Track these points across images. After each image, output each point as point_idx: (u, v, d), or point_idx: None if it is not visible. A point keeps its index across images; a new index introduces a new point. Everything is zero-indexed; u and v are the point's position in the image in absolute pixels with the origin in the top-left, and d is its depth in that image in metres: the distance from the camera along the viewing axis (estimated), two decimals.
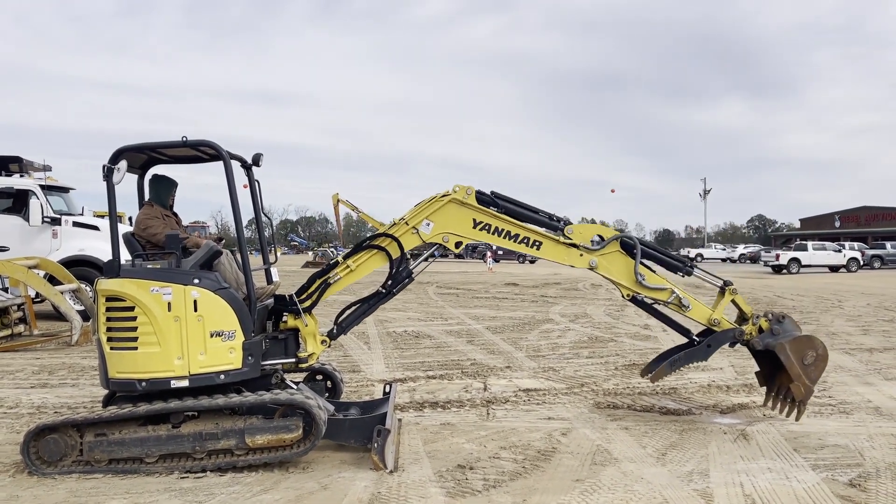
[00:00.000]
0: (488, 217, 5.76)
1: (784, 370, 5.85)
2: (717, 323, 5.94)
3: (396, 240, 5.67)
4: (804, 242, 40.56)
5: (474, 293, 21.44)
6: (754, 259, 54.04)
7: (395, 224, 5.76)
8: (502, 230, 5.77)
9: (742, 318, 6.05)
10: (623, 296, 6.02)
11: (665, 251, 6.19)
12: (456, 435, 5.93)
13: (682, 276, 6.11)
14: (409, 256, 5.80)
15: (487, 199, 5.80)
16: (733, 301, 6.02)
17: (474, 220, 5.75)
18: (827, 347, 5.90)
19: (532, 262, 53.88)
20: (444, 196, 5.73)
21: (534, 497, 4.53)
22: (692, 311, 5.94)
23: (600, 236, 5.94)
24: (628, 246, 5.96)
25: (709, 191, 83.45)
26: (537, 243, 5.85)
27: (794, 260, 37.38)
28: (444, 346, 10.97)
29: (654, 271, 6.08)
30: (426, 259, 5.95)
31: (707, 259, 62.42)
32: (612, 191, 74.78)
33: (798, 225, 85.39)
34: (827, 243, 40.89)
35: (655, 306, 6.09)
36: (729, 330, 5.94)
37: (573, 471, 5.04)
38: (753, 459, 5.30)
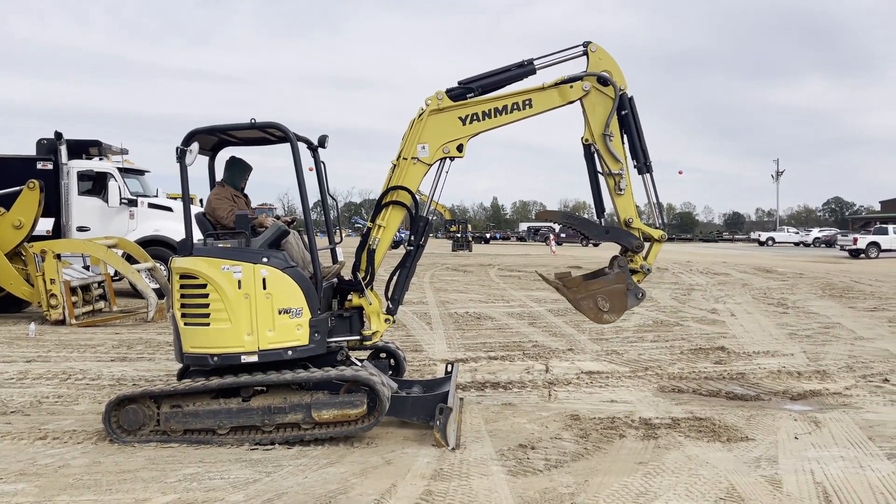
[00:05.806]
0: (470, 107, 5.67)
1: (598, 278, 5.78)
2: (631, 223, 5.72)
3: (402, 188, 5.65)
4: (885, 226, 38.68)
5: (537, 276, 21.31)
6: (830, 243, 51.88)
7: (393, 168, 5.71)
8: (489, 110, 5.66)
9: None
10: (582, 139, 5.78)
11: (643, 143, 5.80)
12: (517, 415, 5.95)
13: (634, 168, 5.80)
14: (417, 200, 5.74)
15: (460, 92, 5.70)
16: (655, 242, 5.80)
17: (459, 117, 5.67)
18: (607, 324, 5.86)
19: (595, 245, 53.08)
20: (420, 116, 5.67)
21: (595, 478, 4.51)
22: (622, 198, 5.70)
23: (608, 74, 5.66)
24: (620, 105, 5.66)
25: (782, 172, 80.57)
26: (527, 102, 5.68)
27: (874, 244, 35.73)
28: (505, 327, 10.99)
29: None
30: (437, 182, 5.84)
31: (779, 243, 60.29)
32: (680, 172, 72.60)
33: (878, 208, 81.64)
34: None
35: (598, 171, 5.83)
36: (634, 236, 5.71)
37: (636, 453, 5.00)
38: (825, 447, 5.15)
